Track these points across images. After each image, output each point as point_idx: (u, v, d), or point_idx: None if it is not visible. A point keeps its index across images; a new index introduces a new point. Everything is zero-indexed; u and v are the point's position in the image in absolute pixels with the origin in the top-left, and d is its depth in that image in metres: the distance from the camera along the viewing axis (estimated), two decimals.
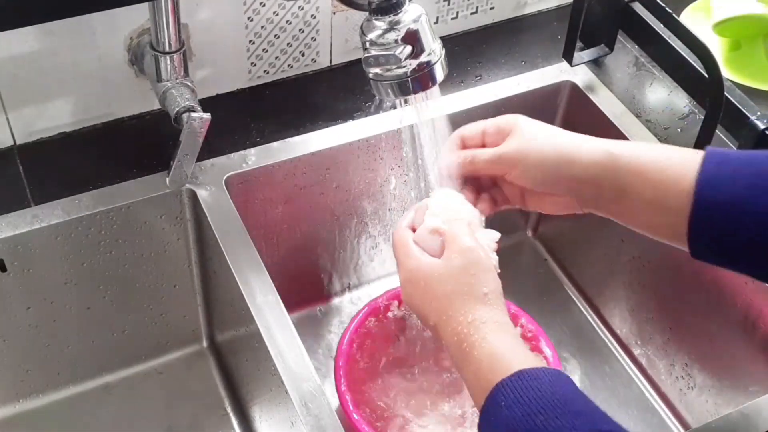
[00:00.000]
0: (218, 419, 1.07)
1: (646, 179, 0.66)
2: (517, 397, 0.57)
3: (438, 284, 0.67)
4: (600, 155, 0.69)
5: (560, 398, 0.57)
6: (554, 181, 0.71)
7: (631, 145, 0.69)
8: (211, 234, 0.93)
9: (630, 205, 0.68)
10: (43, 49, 0.92)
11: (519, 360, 0.61)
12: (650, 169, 0.66)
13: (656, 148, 0.69)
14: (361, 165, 1.05)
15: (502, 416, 0.57)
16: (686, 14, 1.16)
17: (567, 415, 0.55)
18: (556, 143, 0.71)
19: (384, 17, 0.75)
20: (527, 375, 0.59)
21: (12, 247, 0.91)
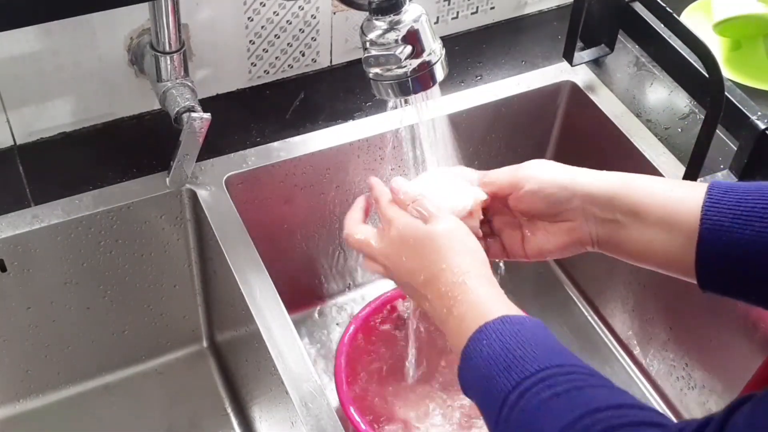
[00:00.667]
0: (218, 419, 1.06)
1: (654, 201, 0.67)
2: (499, 336, 0.59)
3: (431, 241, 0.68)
4: (613, 178, 0.70)
5: (540, 339, 0.59)
6: (568, 198, 0.70)
7: (642, 175, 0.70)
8: (211, 234, 0.93)
9: (640, 230, 0.68)
10: (43, 49, 0.92)
11: (503, 309, 0.62)
12: (659, 192, 0.67)
13: (665, 179, 0.71)
14: (361, 165, 1.05)
15: (483, 354, 0.59)
16: (686, 14, 1.16)
17: (545, 350, 0.57)
18: (568, 168, 0.72)
19: (384, 17, 0.75)
20: (510, 319, 0.61)
21: (12, 247, 0.91)
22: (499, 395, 0.56)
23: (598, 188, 0.69)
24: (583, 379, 0.55)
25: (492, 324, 0.60)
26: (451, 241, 0.67)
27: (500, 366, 0.57)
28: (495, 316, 0.61)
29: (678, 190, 0.66)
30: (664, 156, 1.02)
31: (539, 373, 0.55)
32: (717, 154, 0.98)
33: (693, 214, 0.64)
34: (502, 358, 0.58)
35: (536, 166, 0.72)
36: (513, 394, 0.55)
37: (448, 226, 0.68)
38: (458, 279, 0.65)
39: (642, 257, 0.70)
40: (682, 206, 0.65)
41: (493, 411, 0.57)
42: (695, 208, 0.64)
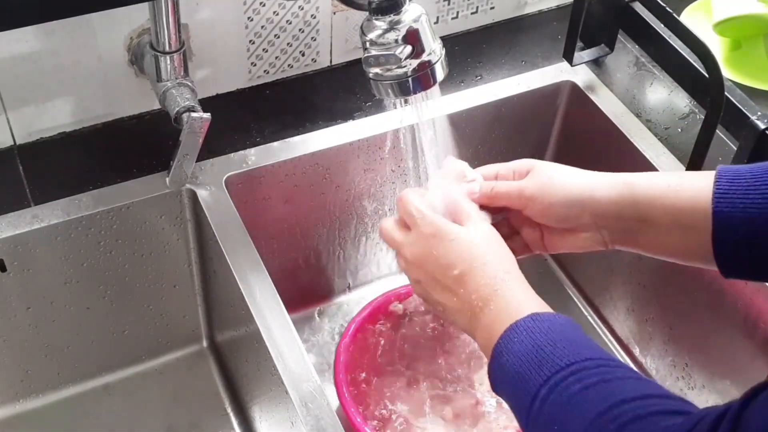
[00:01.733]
0: (218, 419, 1.06)
1: (663, 205, 0.67)
2: (530, 333, 0.61)
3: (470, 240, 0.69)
4: (619, 187, 0.70)
5: (570, 335, 0.60)
6: (577, 215, 0.71)
7: (645, 175, 0.70)
8: (211, 234, 0.93)
9: (654, 233, 0.69)
10: (43, 49, 0.92)
11: (535, 306, 0.64)
12: (666, 194, 0.67)
13: (669, 174, 0.70)
14: (361, 165, 1.05)
15: (513, 349, 0.61)
16: (686, 14, 1.16)
17: (574, 346, 0.59)
18: (575, 180, 0.72)
19: (384, 17, 0.75)
20: (541, 317, 0.62)
21: (12, 247, 0.91)
22: (531, 390, 0.57)
23: (606, 201, 0.70)
24: (612, 372, 0.56)
25: (523, 321, 0.62)
26: (489, 242, 0.69)
27: (532, 362, 0.59)
28: (526, 313, 0.62)
29: (685, 189, 0.66)
30: (664, 156, 1.02)
31: (569, 367, 0.57)
32: (717, 154, 0.98)
33: (703, 210, 0.64)
34: (533, 354, 0.59)
35: (543, 184, 0.72)
36: (544, 389, 0.57)
37: (483, 231, 0.70)
38: (496, 274, 0.67)
39: (661, 254, 0.71)
40: (692, 205, 0.65)
41: (524, 405, 0.58)
42: (705, 204, 0.64)
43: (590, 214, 0.71)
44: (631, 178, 0.70)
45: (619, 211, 0.69)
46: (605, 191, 0.70)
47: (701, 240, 0.65)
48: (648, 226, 0.69)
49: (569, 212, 0.71)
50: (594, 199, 0.70)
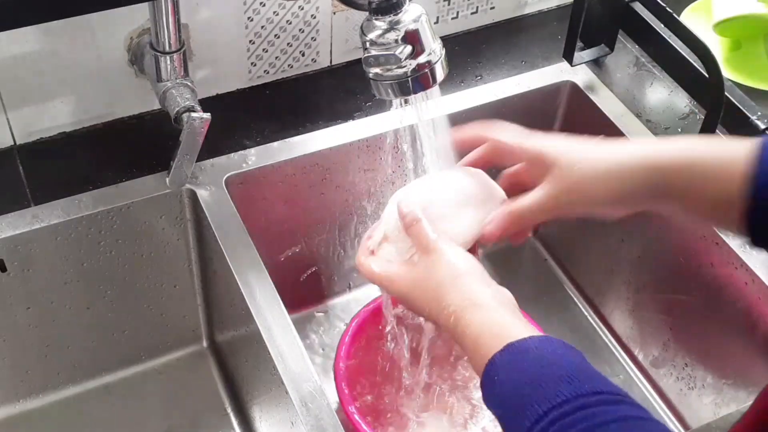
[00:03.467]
0: (218, 419, 1.06)
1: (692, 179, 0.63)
2: (507, 373, 0.59)
3: (416, 289, 0.68)
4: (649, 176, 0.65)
5: (546, 365, 0.58)
6: (604, 202, 0.67)
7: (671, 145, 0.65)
8: (211, 234, 0.93)
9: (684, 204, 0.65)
10: (43, 49, 0.92)
11: (506, 333, 0.61)
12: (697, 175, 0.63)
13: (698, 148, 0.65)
14: (361, 165, 1.05)
15: (497, 393, 0.59)
16: (686, 14, 1.16)
17: (551, 383, 0.56)
18: (598, 168, 0.66)
19: (384, 17, 0.75)
20: (514, 348, 0.60)
21: (12, 247, 0.91)
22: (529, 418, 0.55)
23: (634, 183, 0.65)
24: (589, 418, 0.54)
25: (500, 355, 0.59)
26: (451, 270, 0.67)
27: (514, 407, 0.57)
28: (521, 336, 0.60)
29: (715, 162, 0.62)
30: None
31: (548, 416, 0.54)
32: None
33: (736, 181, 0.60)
34: (514, 398, 0.57)
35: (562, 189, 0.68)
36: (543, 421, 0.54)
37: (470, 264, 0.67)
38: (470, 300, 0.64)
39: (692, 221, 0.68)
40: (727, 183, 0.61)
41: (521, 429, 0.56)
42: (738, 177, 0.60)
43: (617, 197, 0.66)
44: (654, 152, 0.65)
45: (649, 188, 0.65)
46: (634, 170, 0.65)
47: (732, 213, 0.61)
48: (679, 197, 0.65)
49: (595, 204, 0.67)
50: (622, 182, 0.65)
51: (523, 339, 0.60)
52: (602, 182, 0.66)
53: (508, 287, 0.68)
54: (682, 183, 0.64)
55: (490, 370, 0.60)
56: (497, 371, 0.59)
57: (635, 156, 0.66)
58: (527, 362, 0.58)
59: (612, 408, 0.54)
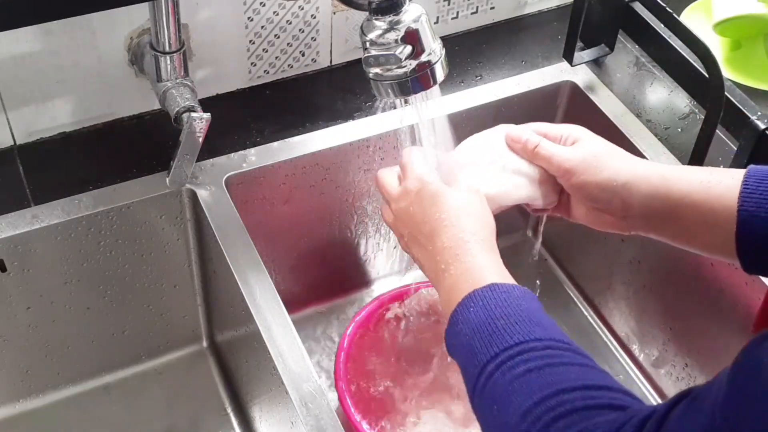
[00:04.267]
0: (218, 419, 1.07)
1: (693, 201, 0.69)
2: (486, 304, 0.61)
3: (445, 199, 0.71)
4: (655, 180, 0.71)
5: (525, 309, 0.61)
6: (609, 199, 0.73)
7: (679, 169, 0.72)
8: (211, 234, 0.93)
9: (680, 227, 0.70)
10: (43, 49, 0.92)
11: (494, 276, 0.64)
12: (696, 189, 0.69)
13: (700, 170, 0.71)
14: (361, 165, 1.05)
15: (469, 319, 0.61)
16: (686, 14, 1.15)
17: (527, 323, 0.59)
18: (617, 165, 0.73)
19: (384, 17, 0.75)
20: (499, 287, 0.62)
21: (12, 247, 0.91)
22: (479, 364, 0.58)
23: (639, 193, 0.71)
24: (558, 356, 0.57)
25: (481, 291, 0.62)
26: (463, 204, 0.70)
27: (483, 335, 0.59)
28: (486, 282, 0.63)
29: (714, 187, 0.68)
30: (664, 156, 1.02)
31: (518, 346, 0.57)
32: (717, 154, 0.98)
33: (730, 207, 0.66)
34: (485, 327, 0.59)
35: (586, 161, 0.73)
36: (491, 365, 0.57)
37: (466, 194, 0.72)
38: (462, 236, 0.67)
39: (684, 246, 0.72)
40: (719, 202, 0.67)
41: (472, 378, 0.59)
42: (732, 202, 0.66)
43: (621, 201, 0.72)
44: (666, 172, 0.71)
45: (649, 204, 0.71)
46: (641, 183, 0.71)
47: (725, 236, 0.66)
48: (675, 219, 0.70)
49: (601, 195, 0.73)
50: (628, 189, 0.71)
51: (505, 284, 0.63)
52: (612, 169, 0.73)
53: None
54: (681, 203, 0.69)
55: (468, 300, 0.62)
56: (474, 303, 0.62)
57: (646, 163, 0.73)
58: (505, 301, 0.61)
59: (577, 356, 0.57)
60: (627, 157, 0.74)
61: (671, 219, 0.70)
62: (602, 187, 0.73)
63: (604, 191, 0.73)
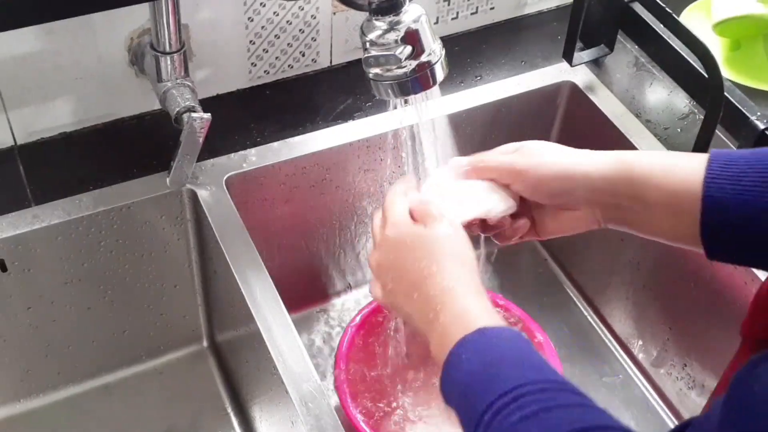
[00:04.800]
0: (218, 419, 1.07)
1: (657, 184, 0.67)
2: (477, 350, 0.60)
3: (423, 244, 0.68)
4: (614, 163, 0.69)
5: (516, 352, 0.60)
6: (570, 190, 0.70)
7: (640, 153, 0.70)
8: (211, 234, 0.93)
9: (646, 212, 0.68)
10: (43, 49, 0.92)
11: (483, 320, 0.63)
12: (660, 173, 0.67)
13: (664, 154, 0.70)
14: (361, 165, 1.05)
15: (461, 367, 0.60)
16: (686, 14, 1.16)
17: (519, 366, 0.58)
18: (567, 156, 0.71)
19: (384, 17, 0.75)
20: (488, 332, 0.61)
21: (12, 247, 0.91)
22: (475, 416, 0.57)
23: (600, 176, 0.69)
24: (554, 398, 0.55)
25: (471, 337, 0.61)
26: (442, 248, 0.67)
27: (476, 383, 0.58)
28: (475, 327, 0.61)
29: (678, 170, 0.66)
30: None
31: (512, 392, 0.56)
32: None
33: (694, 192, 0.64)
34: (478, 375, 0.58)
35: (535, 157, 0.71)
36: (487, 415, 0.56)
37: (445, 231, 0.68)
38: (447, 284, 0.65)
39: (650, 234, 0.70)
40: (683, 186, 0.65)
41: (470, 429, 0.57)
42: (696, 186, 0.64)
43: (584, 189, 0.69)
44: (625, 156, 0.69)
45: (613, 187, 0.69)
46: (599, 167, 0.69)
47: (690, 221, 0.65)
48: (640, 204, 0.68)
49: (562, 186, 0.70)
50: (587, 174, 0.69)
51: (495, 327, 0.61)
52: (565, 157, 0.70)
53: (509, 287, 0.69)
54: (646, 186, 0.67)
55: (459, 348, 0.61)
56: (466, 350, 0.61)
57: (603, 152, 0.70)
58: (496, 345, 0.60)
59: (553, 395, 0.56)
60: (578, 150, 0.71)
61: (637, 204, 0.68)
62: (561, 178, 0.70)
63: (564, 181, 0.70)
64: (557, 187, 0.70)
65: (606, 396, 1.11)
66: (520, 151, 0.72)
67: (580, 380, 1.12)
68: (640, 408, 1.10)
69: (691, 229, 0.65)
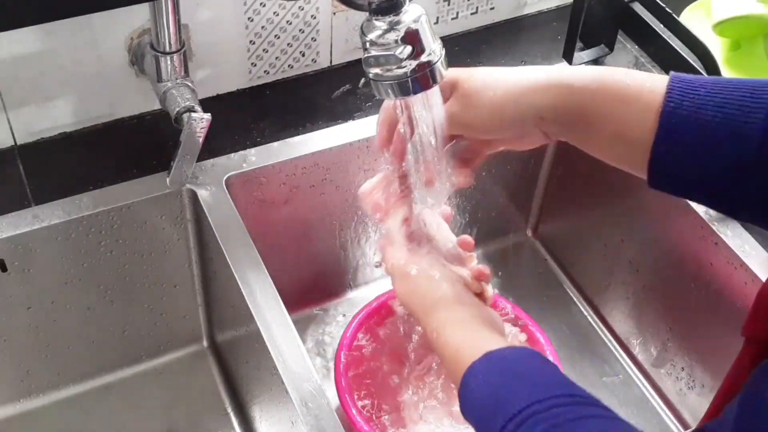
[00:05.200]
0: (218, 419, 1.07)
1: (609, 117, 0.64)
2: (485, 378, 0.61)
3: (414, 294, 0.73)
4: (563, 90, 0.65)
5: (521, 371, 0.61)
6: (514, 119, 0.67)
7: (592, 74, 0.65)
8: (211, 234, 0.93)
9: (594, 141, 0.66)
10: (43, 49, 0.92)
11: (485, 344, 0.64)
12: (614, 105, 0.64)
13: (617, 78, 0.64)
14: (361, 165, 1.05)
15: (475, 397, 0.61)
16: (686, 14, 1.15)
17: (527, 386, 0.59)
18: (507, 81, 0.68)
19: (384, 17, 0.75)
20: (493, 355, 0.62)
21: (12, 247, 0.91)
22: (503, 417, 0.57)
23: (549, 108, 0.66)
24: (564, 413, 0.56)
25: (479, 363, 0.62)
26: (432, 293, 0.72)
27: (488, 408, 0.60)
28: (482, 352, 0.63)
29: (634, 98, 0.62)
30: None
31: (521, 414, 0.56)
32: None
33: (649, 124, 0.61)
34: (489, 399, 0.60)
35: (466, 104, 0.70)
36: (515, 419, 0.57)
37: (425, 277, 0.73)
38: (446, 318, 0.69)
39: (596, 154, 0.67)
40: (638, 117, 0.62)
41: None
42: (652, 118, 0.61)
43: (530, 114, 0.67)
44: (573, 78, 0.65)
45: (559, 117, 0.66)
46: (547, 96, 0.66)
47: (638, 150, 0.62)
48: (587, 127, 0.65)
49: (504, 121, 0.68)
50: (530, 95, 0.66)
51: (500, 349, 0.63)
52: (505, 84, 0.68)
53: (508, 287, 0.69)
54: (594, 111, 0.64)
55: (468, 377, 0.63)
56: (474, 377, 0.62)
57: (548, 68, 0.68)
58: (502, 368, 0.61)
59: (583, 408, 0.56)
60: (515, 70, 0.68)
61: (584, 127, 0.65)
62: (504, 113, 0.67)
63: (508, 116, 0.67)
64: (500, 123, 0.68)
65: (606, 396, 1.11)
66: (454, 95, 0.71)
67: (580, 380, 1.12)
68: (640, 408, 1.10)
69: (637, 157, 0.63)
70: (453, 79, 0.72)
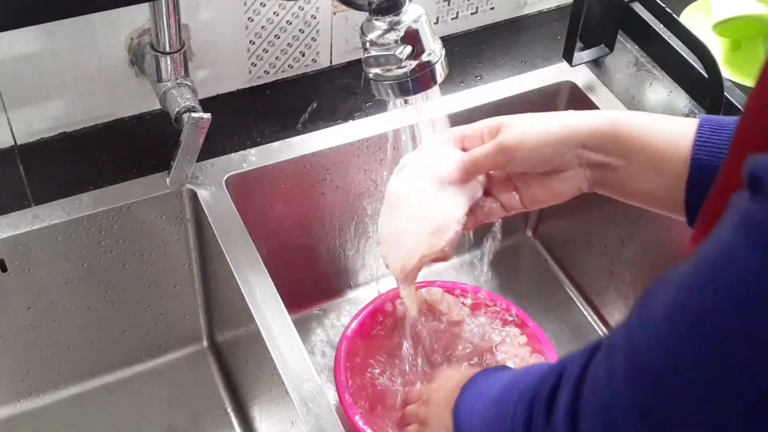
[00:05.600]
0: (218, 419, 1.07)
1: (646, 143, 0.66)
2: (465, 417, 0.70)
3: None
4: (601, 119, 0.68)
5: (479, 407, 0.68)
6: (561, 152, 0.69)
7: (629, 112, 0.70)
8: (211, 234, 0.93)
9: (631, 169, 0.67)
10: (43, 49, 0.92)
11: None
12: (648, 133, 0.66)
13: (654, 115, 0.69)
14: (361, 165, 1.05)
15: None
16: (686, 14, 1.16)
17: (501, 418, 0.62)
18: (556, 119, 0.70)
19: (384, 17, 0.76)
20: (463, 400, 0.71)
21: (12, 247, 0.91)
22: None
23: (587, 134, 0.68)
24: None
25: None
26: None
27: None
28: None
29: (667, 131, 0.66)
30: None
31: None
32: None
33: (682, 154, 0.64)
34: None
35: (521, 132, 0.70)
36: None
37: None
38: None
39: (632, 197, 0.69)
40: (671, 147, 0.65)
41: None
42: (684, 149, 0.64)
43: (573, 148, 0.69)
44: (613, 114, 0.69)
45: (600, 143, 0.68)
46: (588, 124, 0.68)
47: (674, 183, 0.64)
48: (626, 163, 0.67)
49: (554, 151, 0.69)
50: (576, 132, 0.68)
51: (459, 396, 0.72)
52: (554, 121, 0.70)
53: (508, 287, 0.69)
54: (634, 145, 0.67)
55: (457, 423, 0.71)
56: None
57: (592, 111, 0.71)
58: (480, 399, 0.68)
59: None
60: (563, 111, 0.71)
61: (623, 163, 0.67)
62: (552, 143, 0.69)
63: (556, 146, 0.69)
64: (549, 153, 0.69)
65: None
66: (505, 128, 0.72)
67: None
68: None
69: (673, 192, 0.64)
70: (502, 120, 0.73)
